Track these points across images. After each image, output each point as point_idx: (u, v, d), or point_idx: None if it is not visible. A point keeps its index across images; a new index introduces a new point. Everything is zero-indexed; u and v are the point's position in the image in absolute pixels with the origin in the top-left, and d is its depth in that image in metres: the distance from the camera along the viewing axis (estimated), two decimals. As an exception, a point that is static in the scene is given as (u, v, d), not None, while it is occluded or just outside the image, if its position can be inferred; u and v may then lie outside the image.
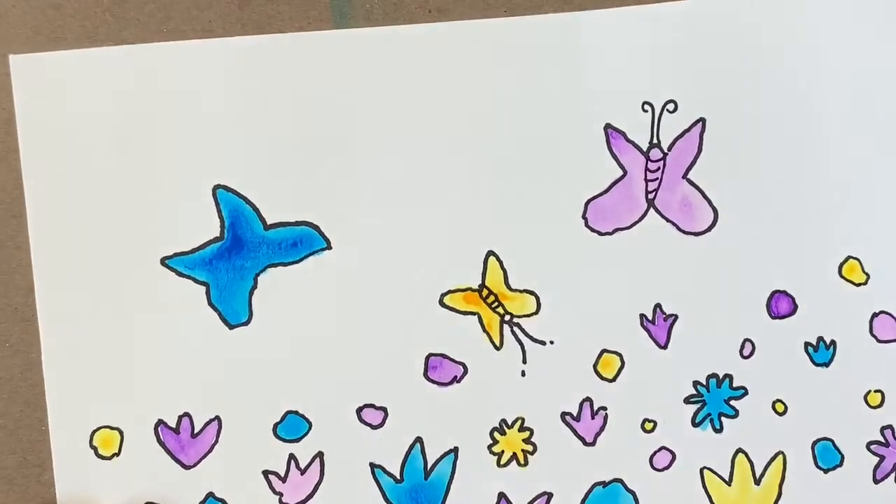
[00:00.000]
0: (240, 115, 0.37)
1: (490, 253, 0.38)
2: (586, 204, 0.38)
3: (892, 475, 0.39)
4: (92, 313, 0.37)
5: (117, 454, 0.37)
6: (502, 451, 0.38)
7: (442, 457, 0.38)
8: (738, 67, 0.39)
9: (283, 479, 0.37)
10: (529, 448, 0.38)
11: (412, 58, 0.38)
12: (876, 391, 0.39)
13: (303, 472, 0.37)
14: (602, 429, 0.39)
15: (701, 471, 0.39)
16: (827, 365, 0.39)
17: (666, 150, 0.39)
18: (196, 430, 0.37)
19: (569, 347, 0.38)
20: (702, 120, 0.39)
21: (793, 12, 0.39)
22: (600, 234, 0.39)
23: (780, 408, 0.39)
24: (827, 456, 0.39)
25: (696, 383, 0.39)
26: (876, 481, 0.39)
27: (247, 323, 0.37)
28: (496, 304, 0.38)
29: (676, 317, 0.39)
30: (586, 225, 0.38)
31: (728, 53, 0.39)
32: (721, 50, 0.39)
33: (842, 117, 0.39)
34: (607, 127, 0.39)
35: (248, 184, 0.37)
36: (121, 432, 0.37)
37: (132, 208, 0.37)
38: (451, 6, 0.38)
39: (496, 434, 0.38)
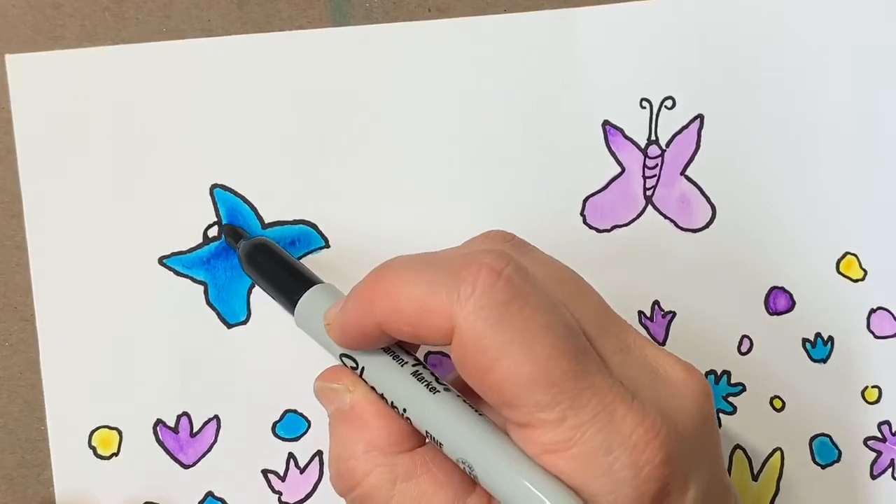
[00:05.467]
0: (238, 114, 0.37)
1: (488, 250, 0.38)
2: (584, 201, 0.39)
3: (889, 471, 0.39)
4: (90, 313, 0.36)
5: (116, 454, 0.36)
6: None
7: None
8: (736, 64, 0.39)
9: (283, 478, 0.37)
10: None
11: (411, 56, 0.38)
12: (873, 387, 0.39)
13: (302, 470, 0.37)
14: (601, 426, 0.38)
15: (699, 467, 0.39)
16: (825, 361, 0.39)
17: (664, 147, 0.39)
18: (195, 430, 0.37)
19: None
20: (700, 116, 0.39)
21: (792, 8, 0.39)
22: (598, 231, 0.39)
23: (777, 404, 0.39)
24: (824, 452, 0.39)
25: (694, 380, 0.39)
26: (873, 477, 0.39)
27: (245, 322, 0.37)
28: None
29: (674, 313, 0.39)
30: (584, 222, 0.39)
31: (726, 50, 0.39)
32: (719, 46, 0.39)
33: (840, 113, 0.39)
34: (605, 124, 0.39)
35: (246, 182, 0.37)
36: (119, 432, 0.37)
37: (130, 208, 0.37)
38: (450, 4, 0.38)
39: (495, 431, 0.38)
